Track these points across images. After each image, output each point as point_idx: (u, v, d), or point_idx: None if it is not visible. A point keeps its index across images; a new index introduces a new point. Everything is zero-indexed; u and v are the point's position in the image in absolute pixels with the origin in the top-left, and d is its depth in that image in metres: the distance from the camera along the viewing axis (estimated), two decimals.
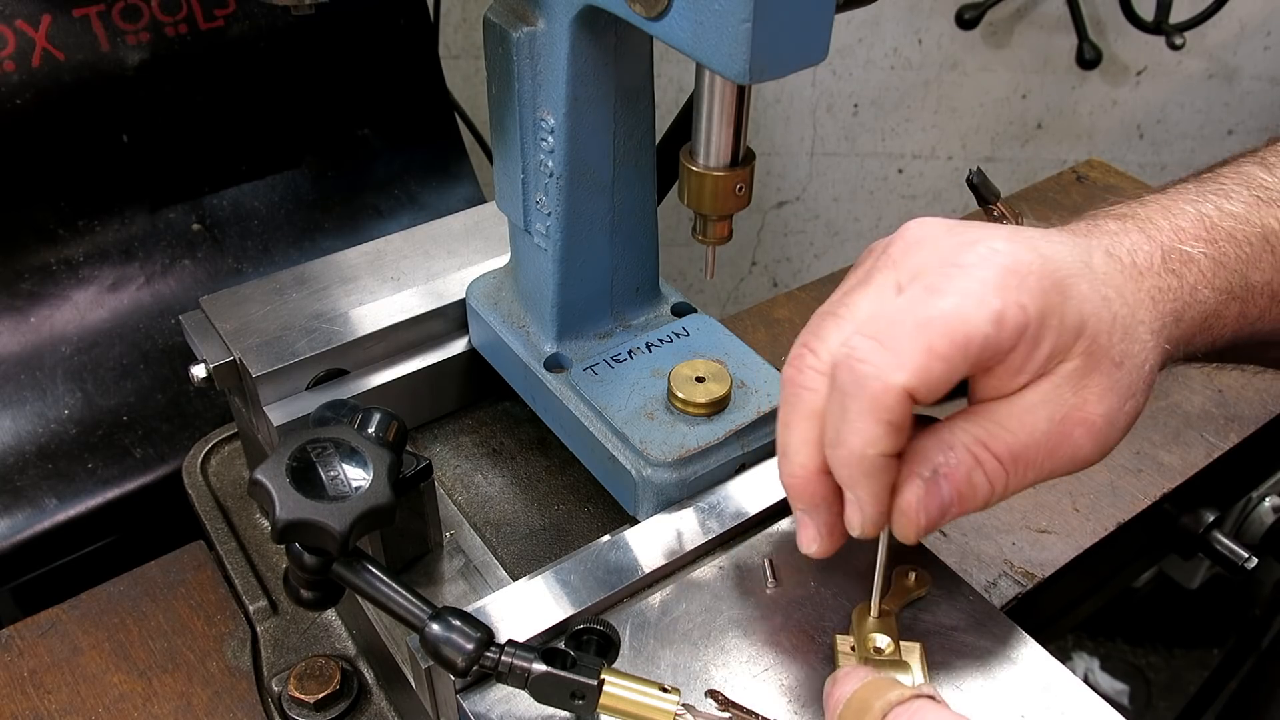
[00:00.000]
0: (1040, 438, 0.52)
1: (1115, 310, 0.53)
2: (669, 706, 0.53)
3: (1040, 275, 0.51)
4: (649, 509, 0.67)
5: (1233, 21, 1.94)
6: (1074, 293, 0.52)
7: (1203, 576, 1.18)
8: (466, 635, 0.53)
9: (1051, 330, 0.51)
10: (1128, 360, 0.53)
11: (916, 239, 0.55)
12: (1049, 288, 0.51)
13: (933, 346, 0.49)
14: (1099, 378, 0.52)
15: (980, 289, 0.50)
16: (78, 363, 1.04)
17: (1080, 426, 0.52)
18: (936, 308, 0.50)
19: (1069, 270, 0.53)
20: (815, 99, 2.08)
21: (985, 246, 0.52)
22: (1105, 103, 2.09)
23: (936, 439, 0.53)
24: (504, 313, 0.78)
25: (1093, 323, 0.52)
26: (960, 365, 0.50)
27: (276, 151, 1.15)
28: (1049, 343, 0.52)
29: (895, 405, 0.49)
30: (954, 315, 0.50)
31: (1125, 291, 0.55)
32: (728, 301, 2.35)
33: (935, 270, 0.52)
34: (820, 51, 0.52)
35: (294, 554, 0.55)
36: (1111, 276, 0.55)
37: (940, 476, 0.52)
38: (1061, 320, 0.52)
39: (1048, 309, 0.51)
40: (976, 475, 0.52)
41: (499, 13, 0.65)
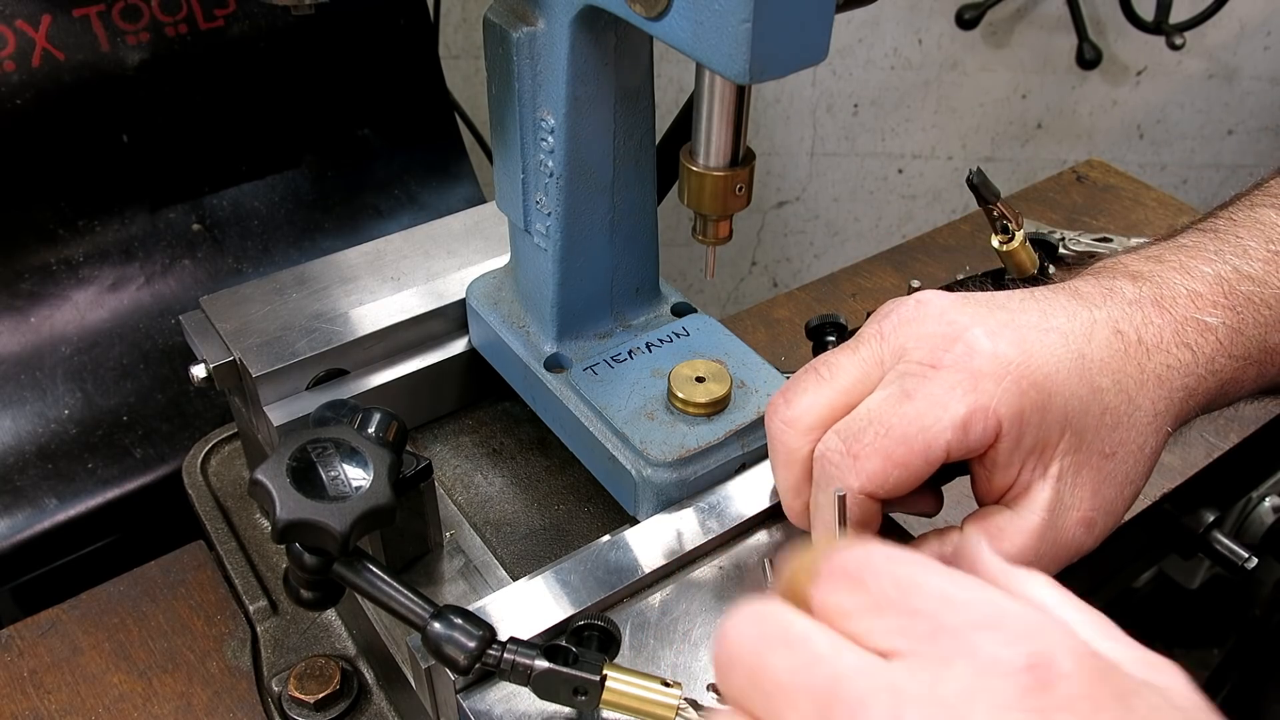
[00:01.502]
0: (1034, 541, 0.54)
1: (1107, 402, 0.53)
2: (671, 701, 0.53)
3: (1019, 376, 0.52)
4: (649, 509, 0.67)
5: (1233, 21, 1.94)
6: (1058, 393, 0.52)
7: (1203, 576, 1.18)
8: (469, 633, 0.53)
9: (1032, 427, 0.52)
10: (1121, 449, 0.54)
11: (908, 318, 0.56)
12: (1027, 389, 0.52)
13: (891, 455, 0.52)
14: (1090, 473, 0.53)
15: (947, 395, 0.52)
16: (78, 363, 1.04)
17: (1078, 526, 0.54)
18: (903, 415, 0.52)
19: (1055, 367, 0.53)
20: (815, 99, 2.08)
21: (964, 345, 0.53)
22: (1105, 103, 2.09)
23: (940, 543, 0.57)
24: (504, 313, 0.78)
25: (1078, 419, 0.53)
26: (922, 468, 0.52)
27: (276, 151, 1.15)
28: (1030, 438, 0.52)
29: (854, 505, 0.53)
30: (916, 423, 0.52)
31: (1124, 378, 0.54)
32: (728, 301, 2.35)
33: (915, 364, 0.54)
34: (820, 51, 0.52)
35: (294, 554, 0.55)
36: (1110, 361, 0.54)
37: None
38: (1042, 420, 0.52)
39: (1024, 412, 0.52)
40: None
41: (499, 13, 0.65)
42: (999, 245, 0.93)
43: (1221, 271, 0.58)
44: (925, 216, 2.23)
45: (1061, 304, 0.56)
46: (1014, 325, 0.54)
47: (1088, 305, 0.56)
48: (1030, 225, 1.11)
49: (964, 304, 0.55)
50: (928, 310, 0.55)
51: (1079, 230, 1.10)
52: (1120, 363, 0.54)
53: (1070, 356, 0.53)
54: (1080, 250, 1.06)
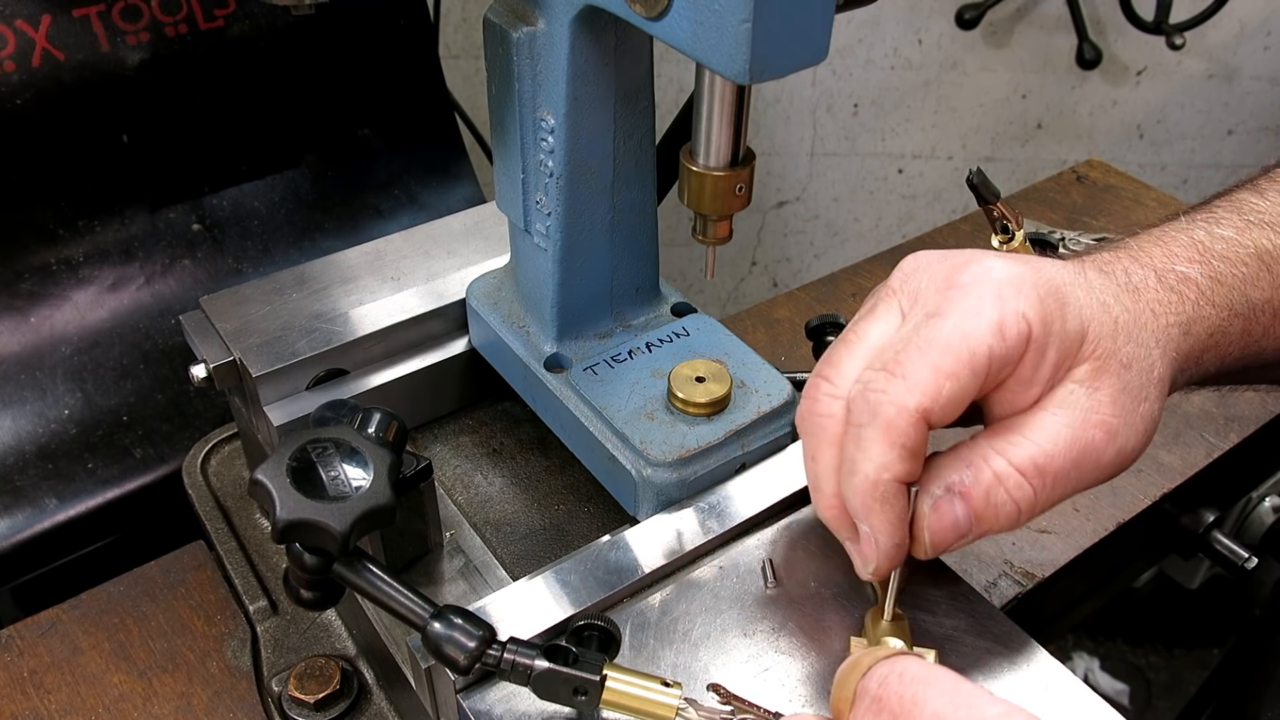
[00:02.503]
0: (1062, 445, 0.52)
1: (1116, 315, 0.54)
2: (671, 701, 0.53)
3: (1035, 285, 0.52)
4: (649, 509, 0.67)
5: (1233, 21, 1.94)
6: (1071, 299, 0.53)
7: (1203, 576, 1.18)
8: (469, 633, 0.53)
9: (1055, 336, 0.52)
10: (1135, 362, 0.54)
11: (913, 268, 0.57)
12: (1045, 295, 0.52)
13: (940, 365, 0.50)
14: (1109, 379, 0.53)
15: (978, 304, 0.52)
16: (78, 363, 1.04)
17: (1099, 430, 0.53)
18: (939, 329, 0.51)
19: (1064, 280, 0.54)
20: (815, 99, 2.08)
21: (979, 266, 0.54)
22: (1105, 103, 2.09)
23: (954, 455, 0.54)
24: (504, 313, 0.78)
25: (1095, 326, 0.53)
26: (970, 381, 0.51)
27: (276, 151, 1.15)
28: (1054, 350, 0.52)
29: (908, 428, 0.51)
30: (956, 332, 0.51)
31: (1125, 301, 0.55)
32: (728, 301, 2.35)
33: (934, 294, 0.54)
34: (820, 51, 0.52)
35: (294, 554, 0.55)
36: (1109, 288, 0.56)
37: (954, 494, 0.53)
38: (1063, 325, 0.52)
39: (1047, 316, 0.52)
40: (997, 494, 0.52)
41: (499, 13, 0.65)
42: (999, 245, 0.92)
43: (1194, 235, 0.60)
44: (925, 216, 2.23)
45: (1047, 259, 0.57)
46: (1014, 256, 0.55)
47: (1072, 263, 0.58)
48: (1030, 225, 1.11)
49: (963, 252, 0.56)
50: (930, 257, 0.57)
51: (1079, 230, 1.10)
52: (1118, 290, 0.56)
53: (1074, 276, 0.55)
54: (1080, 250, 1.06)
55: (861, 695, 0.48)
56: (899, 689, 0.46)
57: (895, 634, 0.57)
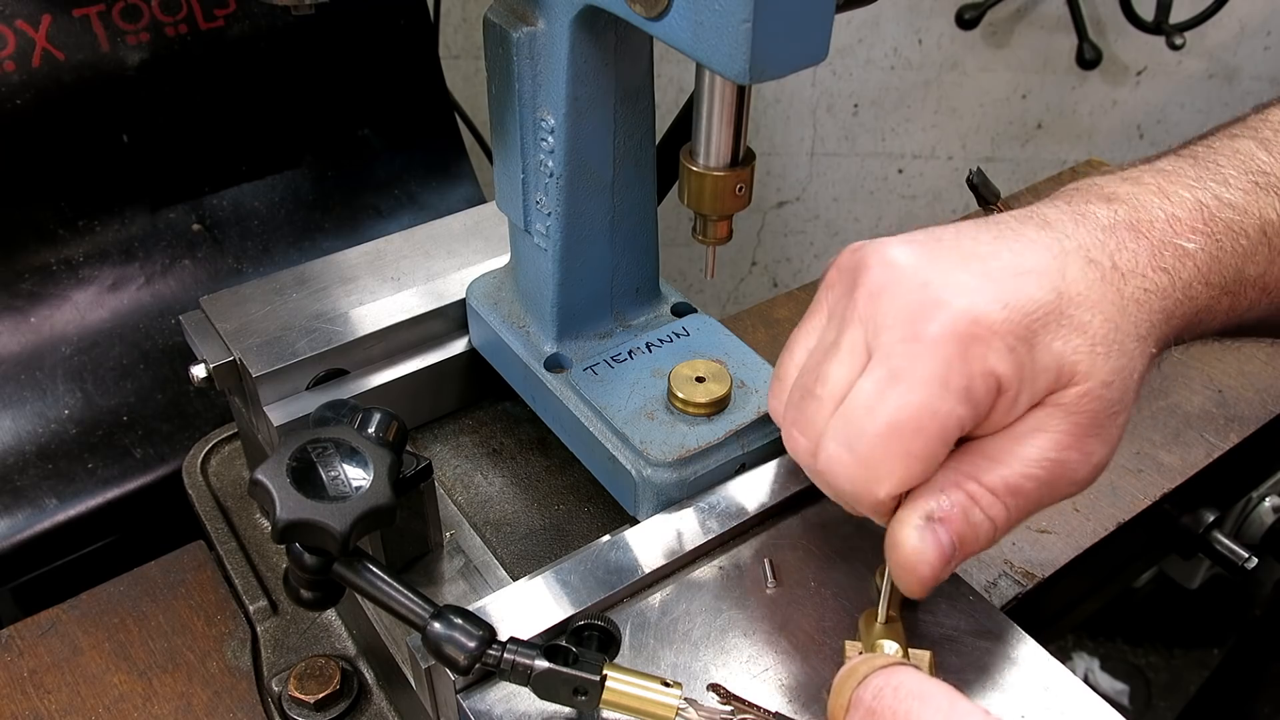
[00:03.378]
0: (1034, 468, 0.52)
1: (1094, 333, 0.52)
2: (671, 701, 0.53)
3: (1005, 334, 0.51)
4: (649, 509, 0.67)
5: (1233, 21, 1.94)
6: (1042, 338, 0.52)
7: (1203, 576, 1.18)
8: (469, 633, 0.53)
9: (1026, 382, 0.51)
10: (1116, 377, 0.53)
11: (880, 286, 0.53)
12: (1015, 344, 0.51)
13: (909, 451, 0.51)
14: (1089, 401, 0.52)
15: (944, 371, 0.50)
16: (78, 363, 1.04)
17: (1074, 452, 0.52)
18: (903, 404, 0.50)
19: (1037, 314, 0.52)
20: (815, 99, 2.08)
21: (946, 312, 0.51)
22: (1105, 103, 2.09)
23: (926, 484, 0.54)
24: (504, 313, 0.78)
25: (1069, 356, 0.52)
26: (941, 452, 0.52)
27: (276, 151, 1.15)
28: (1026, 393, 0.52)
29: (881, 510, 0.54)
30: (923, 412, 0.50)
31: (1105, 305, 0.53)
32: (728, 301, 2.35)
33: (897, 347, 0.51)
34: (820, 51, 0.52)
35: (294, 554, 0.55)
36: (1088, 293, 0.53)
37: (935, 522, 0.52)
38: (1034, 370, 0.51)
39: (1018, 364, 0.51)
40: (974, 514, 0.52)
41: (499, 13, 0.65)
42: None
43: (1201, 198, 0.56)
44: (925, 216, 2.23)
45: (1031, 238, 0.54)
46: (989, 275, 0.52)
47: (1058, 235, 0.54)
48: None
49: (934, 259, 0.53)
50: (899, 275, 0.53)
51: None
52: (1099, 292, 0.53)
53: (1049, 298, 0.52)
54: None
55: (856, 705, 0.48)
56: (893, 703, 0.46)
57: (889, 636, 0.56)
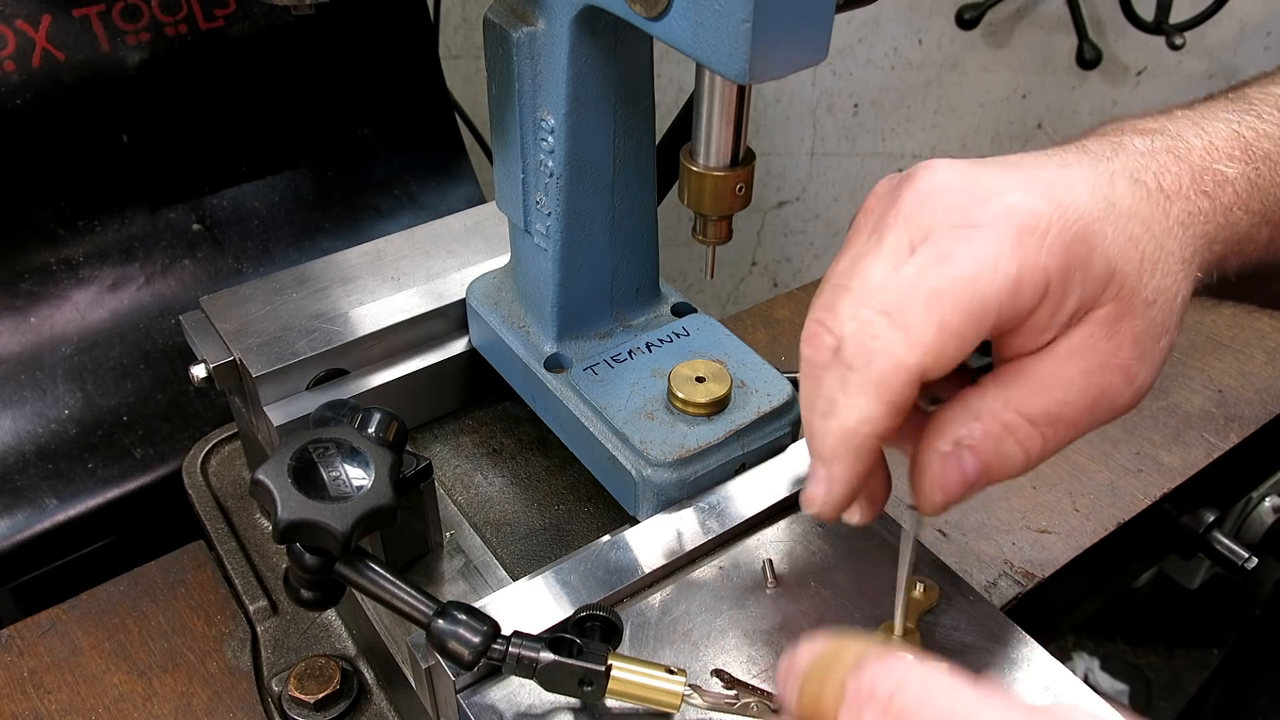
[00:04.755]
0: (1076, 393, 0.49)
1: (1143, 248, 0.50)
2: (677, 688, 0.53)
3: (1061, 229, 0.48)
4: (649, 509, 0.67)
5: (1233, 21, 1.94)
6: (1098, 240, 0.49)
7: (1203, 576, 1.18)
8: (473, 629, 0.53)
9: (1076, 284, 0.49)
10: (1160, 296, 0.50)
11: (928, 189, 0.51)
12: (1071, 240, 0.48)
13: (946, 321, 0.47)
14: (1131, 321, 0.50)
15: (995, 251, 0.47)
16: (78, 363, 1.04)
17: (1117, 373, 0.50)
18: (949, 276, 0.47)
19: (1091, 217, 0.49)
20: (815, 99, 2.08)
21: (1000, 202, 0.49)
22: (1105, 103, 2.09)
23: (962, 408, 0.51)
24: (504, 313, 0.78)
25: (1121, 266, 0.49)
26: (975, 338, 0.47)
27: (276, 151, 1.15)
28: (1074, 297, 0.49)
29: (902, 386, 0.47)
30: (968, 284, 0.47)
31: (1152, 223, 0.51)
32: (728, 301, 2.35)
33: (948, 231, 0.49)
34: (820, 51, 0.52)
35: (295, 554, 0.55)
36: (1137, 209, 0.51)
37: (963, 449, 0.50)
38: (1086, 273, 0.49)
39: (1070, 263, 0.48)
40: (1007, 445, 0.49)
41: (499, 13, 0.65)
42: None
43: (1237, 128, 0.56)
44: None
45: (1074, 158, 0.53)
46: (1040, 179, 0.51)
47: (1100, 159, 0.53)
48: None
49: (981, 166, 0.52)
50: (946, 178, 0.51)
51: None
52: (1146, 209, 0.51)
53: (1101, 205, 0.50)
54: None
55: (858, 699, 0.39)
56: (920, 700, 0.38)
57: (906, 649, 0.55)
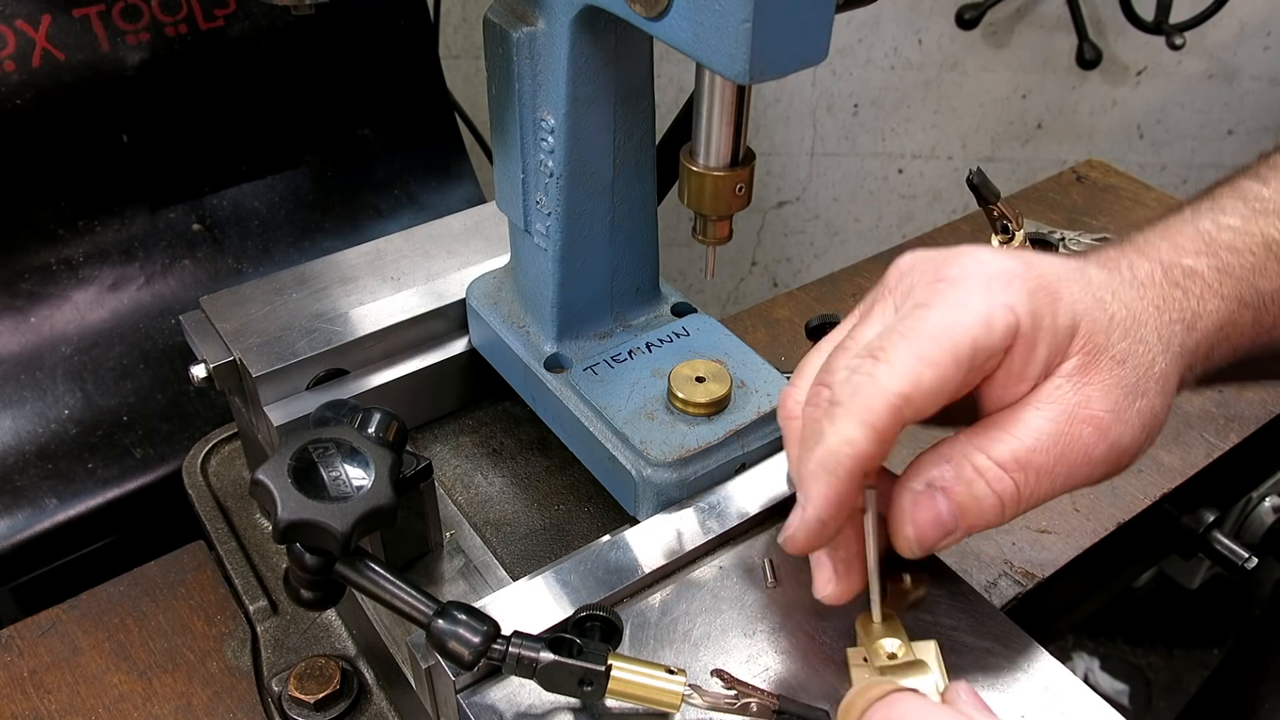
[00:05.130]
0: (1045, 440, 0.52)
1: (1113, 311, 0.54)
2: (677, 688, 0.53)
3: (1026, 279, 0.52)
4: (649, 509, 0.67)
5: (1233, 21, 1.94)
6: (1064, 294, 0.53)
7: (1203, 576, 1.18)
8: (473, 629, 0.53)
9: (1045, 331, 0.52)
10: (1131, 358, 0.53)
11: (908, 266, 0.56)
12: (1036, 289, 0.52)
13: (922, 354, 0.50)
14: (1100, 374, 0.52)
15: (965, 296, 0.52)
16: (78, 363, 1.04)
17: (1086, 424, 0.52)
18: (925, 317, 0.51)
19: (1058, 275, 0.54)
20: (815, 99, 2.08)
21: (970, 259, 0.53)
22: (1105, 103, 2.09)
23: (935, 452, 0.54)
24: (504, 313, 0.78)
25: (1086, 321, 0.53)
26: (952, 371, 0.50)
27: (276, 151, 1.15)
28: (1044, 345, 0.52)
29: (884, 410, 0.50)
30: (941, 322, 0.51)
31: (1125, 297, 0.55)
32: (728, 301, 2.35)
33: (924, 287, 0.54)
34: (820, 51, 0.52)
35: (295, 554, 0.55)
36: (1109, 283, 0.55)
37: (936, 490, 0.52)
38: (1054, 320, 0.52)
39: (1038, 310, 0.52)
40: (978, 487, 0.52)
41: (499, 13, 0.65)
42: (999, 245, 0.93)
43: (1200, 226, 0.59)
44: (925, 216, 2.23)
45: (1047, 255, 0.57)
46: (1011, 251, 0.55)
47: (1075, 259, 0.57)
48: (1030, 225, 1.11)
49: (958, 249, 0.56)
50: (924, 254, 0.56)
51: (1079, 230, 1.10)
52: (1118, 286, 0.55)
53: (1070, 270, 0.54)
54: (1080, 250, 1.06)
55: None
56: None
57: (889, 634, 0.56)
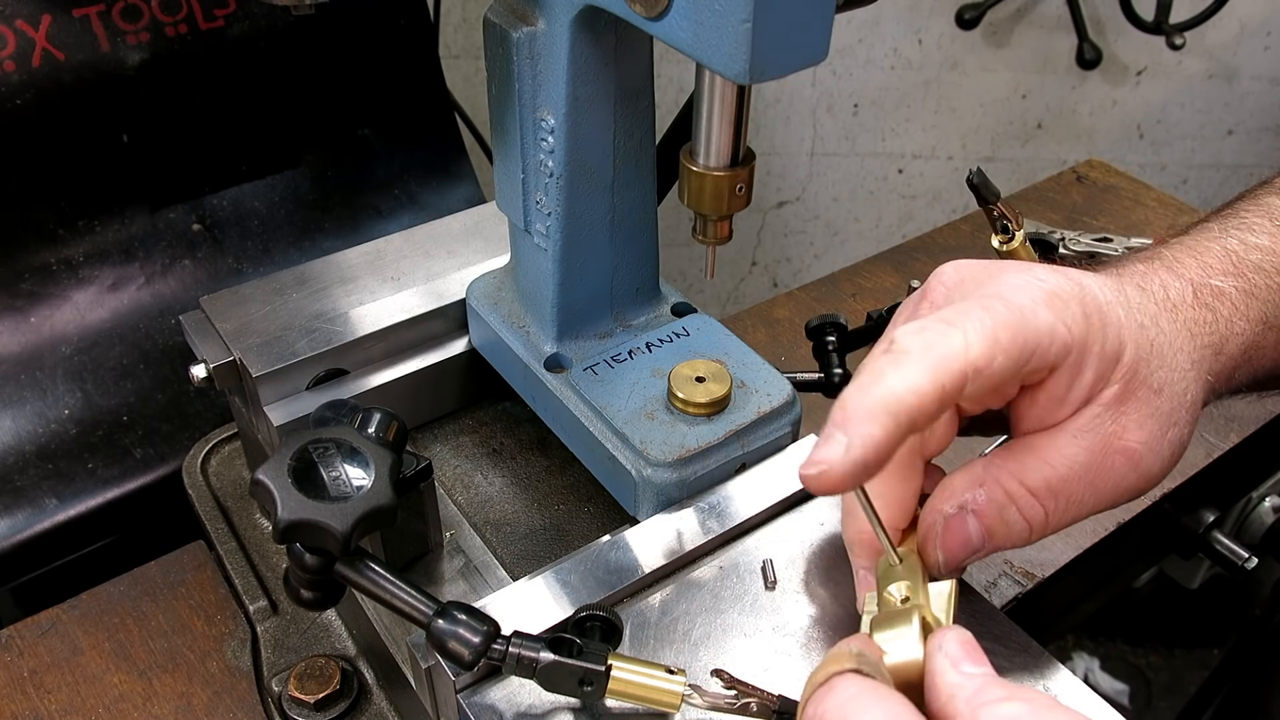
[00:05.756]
0: (1079, 470, 0.51)
1: (1152, 337, 0.53)
2: (677, 688, 0.53)
3: (1081, 301, 0.51)
4: (649, 509, 0.67)
5: (1233, 21, 1.94)
6: (1112, 319, 0.52)
7: (1203, 576, 1.18)
8: (473, 629, 0.53)
9: (1094, 356, 0.51)
10: (1167, 388, 0.53)
11: (956, 279, 0.54)
12: (1090, 313, 0.51)
13: (997, 336, 0.47)
14: (1137, 404, 0.52)
15: (1033, 304, 0.49)
16: (78, 363, 1.04)
17: (1120, 455, 0.52)
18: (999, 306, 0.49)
19: (1106, 299, 0.53)
20: (815, 99, 2.08)
21: (1027, 276, 0.51)
22: (1105, 103, 2.09)
23: (968, 474, 0.53)
24: (504, 313, 0.78)
25: (1132, 349, 0.52)
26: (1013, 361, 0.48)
27: (276, 151, 1.15)
28: (1092, 370, 0.51)
29: (955, 373, 0.46)
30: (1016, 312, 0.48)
31: (1161, 321, 0.54)
32: (728, 301, 2.35)
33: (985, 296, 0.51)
34: (820, 51, 0.52)
35: (295, 554, 0.55)
36: (1147, 307, 0.54)
37: (968, 513, 0.52)
38: (1103, 346, 0.51)
39: (1090, 334, 0.51)
40: (1009, 512, 0.51)
41: (499, 13, 0.65)
42: (999, 245, 0.93)
43: (1228, 245, 0.59)
44: (925, 216, 2.23)
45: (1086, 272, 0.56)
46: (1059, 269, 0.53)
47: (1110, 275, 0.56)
48: (1030, 225, 1.11)
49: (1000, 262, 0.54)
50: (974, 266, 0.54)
51: (1079, 230, 1.10)
52: (1154, 309, 0.55)
53: (1112, 293, 0.53)
54: (1080, 250, 1.06)
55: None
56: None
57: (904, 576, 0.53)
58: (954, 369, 0.46)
